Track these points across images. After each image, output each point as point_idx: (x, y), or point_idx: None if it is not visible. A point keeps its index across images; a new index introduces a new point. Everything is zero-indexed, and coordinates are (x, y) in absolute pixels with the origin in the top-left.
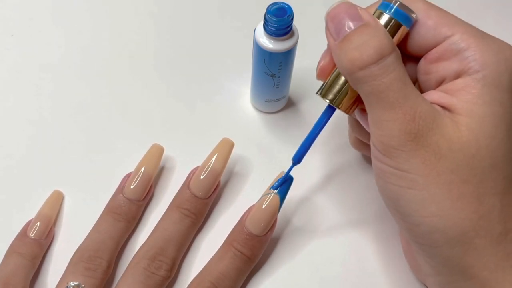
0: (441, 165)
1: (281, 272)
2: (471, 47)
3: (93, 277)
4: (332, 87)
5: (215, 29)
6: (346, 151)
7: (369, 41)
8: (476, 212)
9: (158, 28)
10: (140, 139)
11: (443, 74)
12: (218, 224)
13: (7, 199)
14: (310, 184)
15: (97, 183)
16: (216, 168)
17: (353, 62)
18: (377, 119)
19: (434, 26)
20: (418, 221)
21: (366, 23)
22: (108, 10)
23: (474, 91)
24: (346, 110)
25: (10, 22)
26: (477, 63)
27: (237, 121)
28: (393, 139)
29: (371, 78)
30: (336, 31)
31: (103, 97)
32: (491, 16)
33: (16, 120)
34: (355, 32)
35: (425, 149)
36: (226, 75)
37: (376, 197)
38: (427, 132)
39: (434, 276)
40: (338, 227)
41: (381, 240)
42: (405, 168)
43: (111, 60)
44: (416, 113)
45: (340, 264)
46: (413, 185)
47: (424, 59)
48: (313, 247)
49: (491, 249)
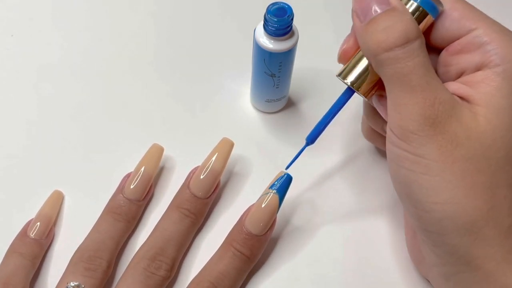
0: (457, 153)
1: (281, 272)
2: (493, 42)
3: (93, 277)
4: (353, 70)
5: (215, 29)
6: (346, 151)
7: (396, 25)
8: (487, 202)
9: (158, 28)
10: (140, 139)
11: (463, 66)
12: (218, 224)
13: (7, 199)
14: (309, 183)
15: (97, 183)
16: (216, 168)
17: (379, 44)
18: (397, 102)
19: (459, 19)
20: (429, 207)
21: (394, 7)
22: (108, 10)
23: (494, 83)
24: (365, 94)
25: (10, 22)
26: (498, 57)
27: (237, 121)
28: (411, 123)
29: (396, 61)
30: (363, 13)
31: (103, 97)
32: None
33: (16, 120)
34: (382, 15)
35: (442, 136)
36: (226, 75)
37: (376, 197)
38: (446, 119)
39: (439, 266)
40: (338, 227)
41: (382, 240)
42: (420, 153)
43: (111, 60)
44: (436, 99)
45: (340, 264)
46: (427, 170)
47: (446, 51)
48: (312, 247)
49: (499, 241)
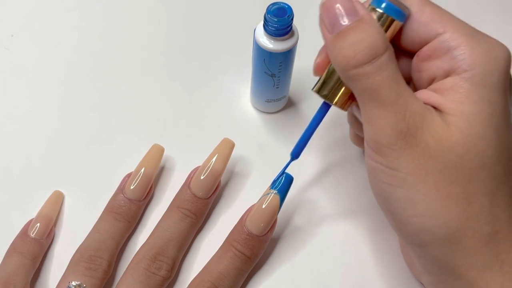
0: (430, 165)
1: (281, 272)
2: (460, 46)
3: (93, 277)
4: (327, 83)
5: (215, 29)
6: (346, 150)
7: (363, 40)
8: (464, 212)
9: (157, 28)
10: (141, 139)
11: (433, 72)
12: (218, 224)
13: (7, 199)
14: (310, 184)
15: (97, 183)
16: (217, 169)
17: (347, 61)
18: (369, 116)
19: (427, 22)
20: (406, 220)
21: (361, 19)
22: (108, 10)
23: (462, 90)
24: (341, 106)
25: (10, 22)
26: (465, 63)
27: (237, 121)
28: (384, 137)
29: (364, 77)
30: (331, 23)
31: (103, 98)
32: (491, 15)
33: (16, 120)
34: (350, 29)
35: (415, 148)
36: (226, 75)
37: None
38: (417, 131)
39: (426, 275)
40: (338, 227)
41: (382, 241)
42: (395, 166)
43: (111, 61)
44: (407, 111)
45: (340, 264)
46: (402, 183)
47: (417, 56)
48: (313, 247)
49: (479, 249)
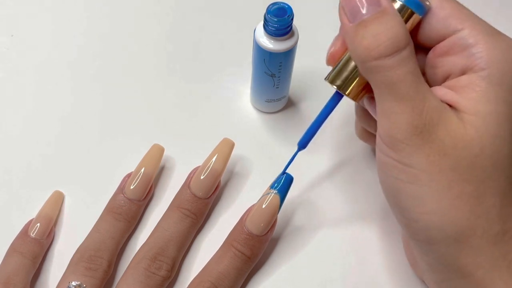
0: (444, 163)
1: (281, 272)
2: (478, 44)
3: (93, 277)
4: (341, 73)
5: (215, 29)
6: (346, 150)
7: (386, 31)
8: (474, 212)
9: (157, 28)
10: (141, 139)
11: (449, 69)
12: (218, 224)
13: (7, 199)
14: (310, 184)
15: (97, 183)
16: (217, 168)
17: (369, 51)
18: (385, 110)
19: (445, 18)
20: (416, 217)
21: (384, 10)
22: (108, 10)
23: (479, 89)
24: (354, 98)
25: (10, 22)
26: (483, 61)
27: (237, 121)
28: (399, 132)
29: (385, 69)
30: (352, 12)
31: (103, 98)
32: (491, 15)
33: (15, 120)
34: (372, 20)
35: (430, 145)
36: (226, 75)
37: (377, 197)
38: (433, 128)
39: (430, 273)
40: (338, 227)
41: (382, 241)
42: (408, 162)
43: (110, 60)
44: (424, 107)
45: (340, 264)
46: (414, 180)
47: (432, 52)
48: (313, 247)
49: (487, 249)
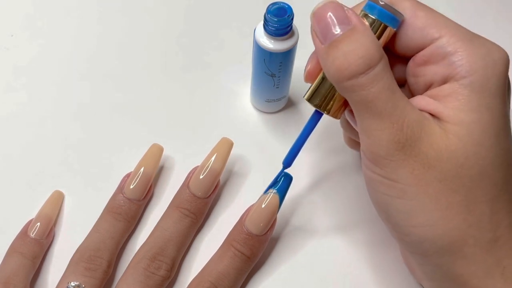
0: (429, 175)
1: (281, 271)
2: (458, 52)
3: (93, 277)
4: (319, 91)
5: (215, 29)
6: (346, 150)
7: (357, 50)
8: (465, 221)
9: (157, 27)
10: (140, 139)
11: (430, 78)
12: (218, 224)
13: (7, 199)
14: (310, 183)
15: (97, 183)
16: (216, 168)
17: (341, 72)
18: (365, 127)
19: (421, 27)
20: (407, 231)
21: (354, 28)
22: (107, 11)
23: (461, 97)
24: (334, 115)
25: (10, 22)
26: (463, 69)
27: (237, 121)
28: (381, 149)
29: (359, 88)
30: (323, 34)
31: (103, 98)
32: (491, 15)
33: (16, 120)
34: (342, 39)
35: (413, 159)
36: (226, 75)
37: None
38: (415, 142)
39: (426, 281)
40: (337, 227)
41: (381, 240)
42: (393, 177)
43: (110, 61)
44: (405, 122)
45: (339, 263)
46: (402, 194)
47: (412, 61)
48: (312, 247)
49: (480, 257)
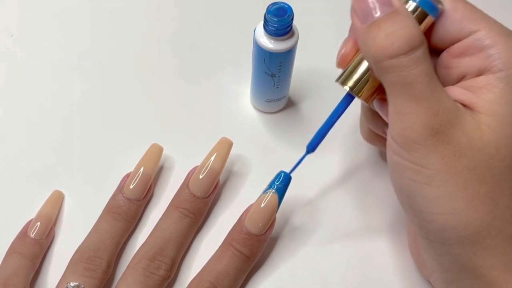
0: (460, 163)
1: (280, 271)
2: (496, 45)
3: (92, 277)
4: (353, 74)
5: (215, 29)
6: (346, 150)
7: (399, 31)
8: (490, 212)
9: (157, 28)
10: (140, 139)
11: (465, 70)
12: (217, 224)
13: (7, 199)
14: (309, 183)
15: (97, 183)
16: (215, 168)
17: (383, 51)
18: (399, 110)
19: (459, 20)
20: (431, 217)
21: (396, 10)
22: (107, 10)
23: (497, 90)
24: (366, 99)
25: (10, 22)
26: (501, 62)
27: (237, 121)
28: (414, 133)
29: (400, 68)
30: (364, 14)
31: (103, 97)
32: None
33: (15, 120)
34: (385, 19)
35: (446, 146)
36: (226, 75)
37: (377, 196)
38: (449, 129)
39: (440, 273)
40: (337, 227)
41: (381, 240)
42: (423, 163)
43: (110, 61)
44: (440, 108)
45: (340, 263)
46: (429, 181)
47: (447, 53)
48: (312, 246)
49: (501, 249)
